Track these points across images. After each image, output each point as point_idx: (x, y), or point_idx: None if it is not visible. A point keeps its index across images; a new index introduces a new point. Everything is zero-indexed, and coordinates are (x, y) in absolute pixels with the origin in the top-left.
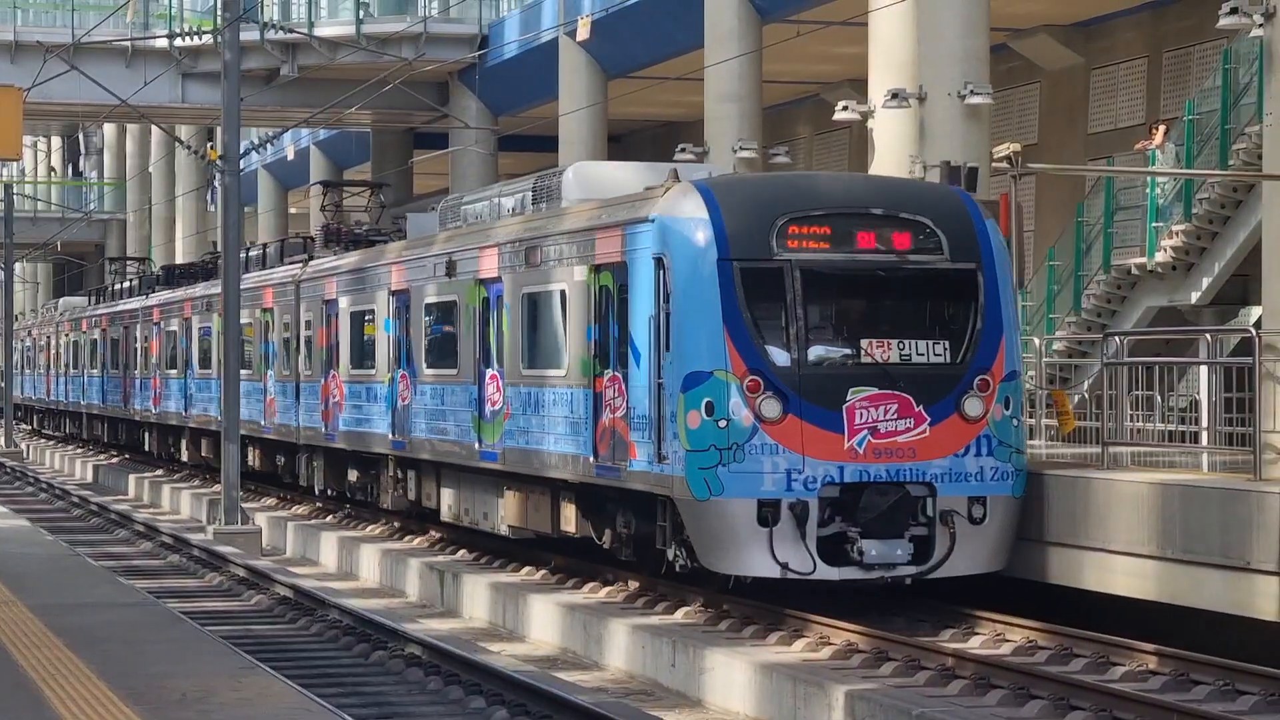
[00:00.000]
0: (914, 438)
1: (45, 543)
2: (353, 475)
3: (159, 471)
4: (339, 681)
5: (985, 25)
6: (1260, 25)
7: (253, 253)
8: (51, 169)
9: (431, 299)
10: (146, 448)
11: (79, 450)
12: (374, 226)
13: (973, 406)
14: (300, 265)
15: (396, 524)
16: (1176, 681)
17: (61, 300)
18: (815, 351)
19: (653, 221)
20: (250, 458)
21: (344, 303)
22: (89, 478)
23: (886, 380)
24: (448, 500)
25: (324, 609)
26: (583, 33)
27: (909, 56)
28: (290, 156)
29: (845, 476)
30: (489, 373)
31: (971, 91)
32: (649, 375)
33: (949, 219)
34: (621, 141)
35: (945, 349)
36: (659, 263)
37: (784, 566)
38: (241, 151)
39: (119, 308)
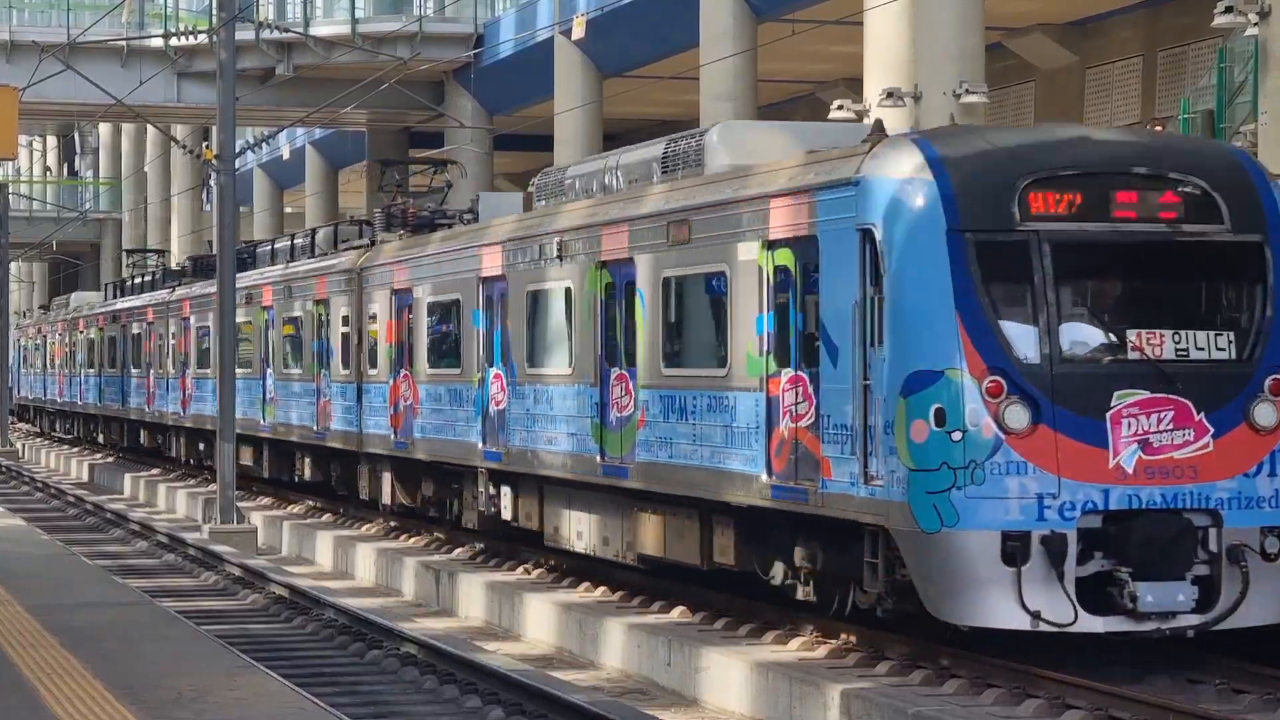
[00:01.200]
0: (1194, 453)
1: (41, 542)
2: (428, 489)
3: (154, 470)
4: (334, 681)
5: (980, 24)
6: (1255, 24)
7: (298, 240)
8: (47, 168)
9: (534, 286)
10: (173, 453)
11: (77, 451)
12: (439, 208)
13: (1264, 414)
14: (360, 251)
15: (392, 523)
16: (1174, 681)
17: (74, 295)
18: (1071, 345)
19: (856, 185)
20: (300, 467)
21: (420, 292)
22: (84, 477)
23: (1161, 381)
24: (555, 522)
25: (320, 608)
26: (578, 32)
27: (904, 55)
28: (286, 156)
29: (1111, 502)
30: (615, 373)
31: (967, 90)
32: (851, 375)
33: (1227, 181)
34: (617, 141)
35: (1229, 342)
36: (866, 235)
37: (1035, 616)
38: (237, 151)
39: (138, 302)
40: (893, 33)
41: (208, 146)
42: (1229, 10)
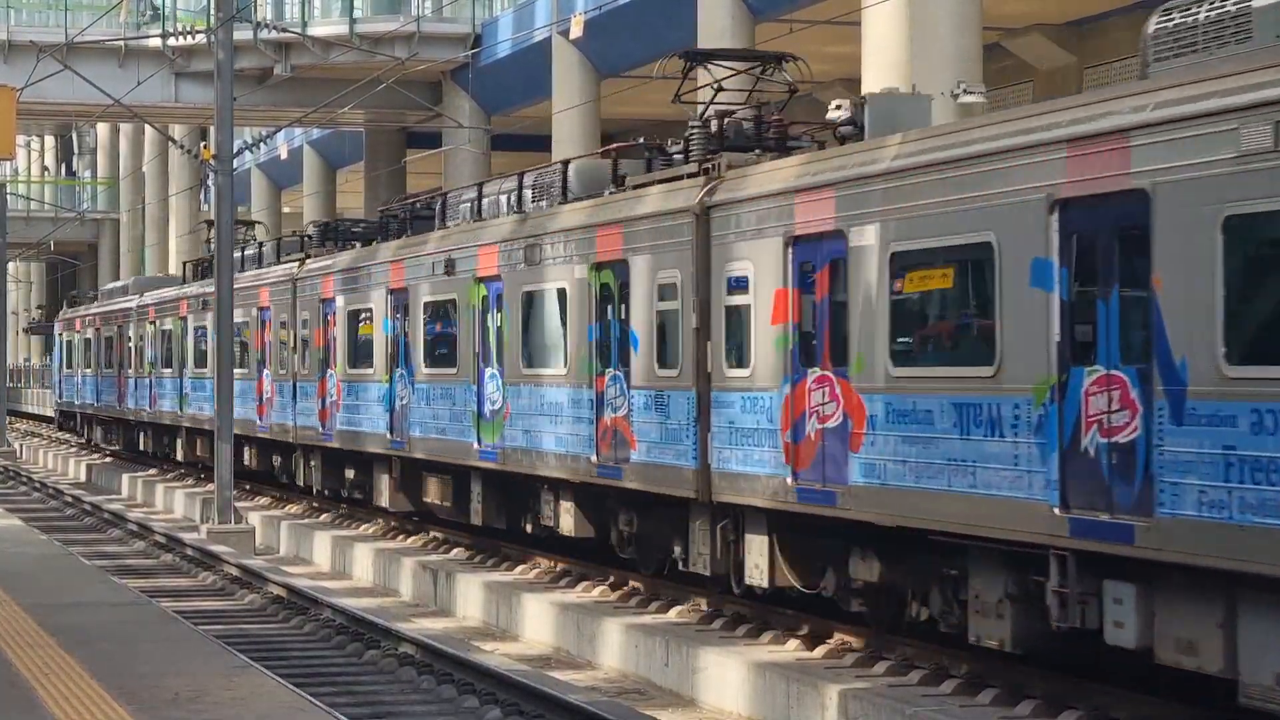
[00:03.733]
0: None
1: (38, 542)
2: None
3: (152, 470)
4: (332, 681)
5: (978, 24)
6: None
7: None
8: (45, 168)
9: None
10: (302, 481)
11: (76, 450)
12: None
13: None
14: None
15: (391, 523)
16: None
17: (132, 280)
18: None
19: None
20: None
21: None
22: (82, 477)
23: None
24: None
25: (317, 608)
26: (576, 31)
27: (901, 55)
28: (283, 156)
29: None
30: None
31: (964, 91)
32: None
33: None
34: (615, 141)
35: None
36: None
37: None
38: (235, 151)
39: (243, 282)
40: (890, 33)
41: (205, 146)
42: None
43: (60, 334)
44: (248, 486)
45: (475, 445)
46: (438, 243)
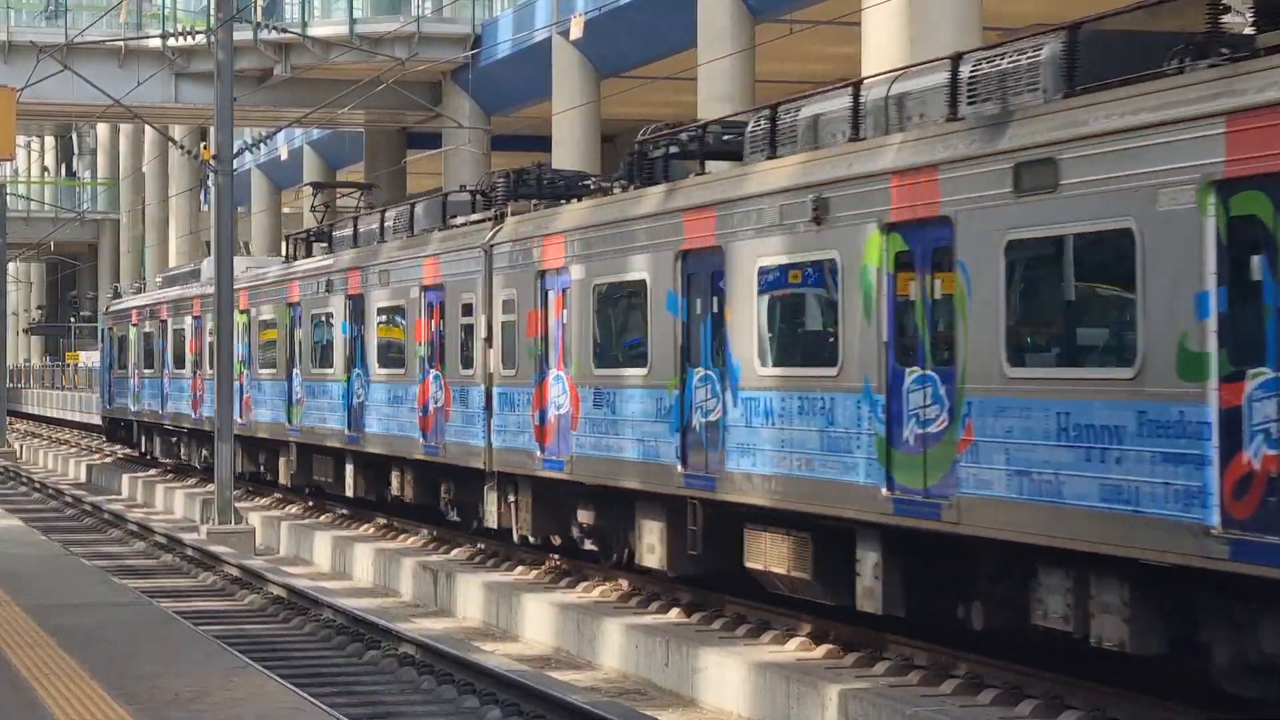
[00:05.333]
0: None
1: (39, 543)
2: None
3: (152, 471)
4: (332, 681)
5: (978, 25)
6: (1253, 24)
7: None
8: (45, 169)
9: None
10: (488, 521)
11: (75, 451)
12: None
13: None
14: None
15: (391, 523)
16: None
17: (206, 262)
18: None
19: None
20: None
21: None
22: (82, 477)
23: None
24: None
25: (317, 608)
26: (575, 32)
27: (901, 56)
28: (283, 156)
29: None
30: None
31: None
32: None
33: None
34: (614, 141)
35: None
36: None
37: None
38: (235, 151)
39: (403, 257)
40: (890, 33)
41: (205, 147)
42: (1226, 10)
43: (110, 328)
44: (248, 487)
45: None
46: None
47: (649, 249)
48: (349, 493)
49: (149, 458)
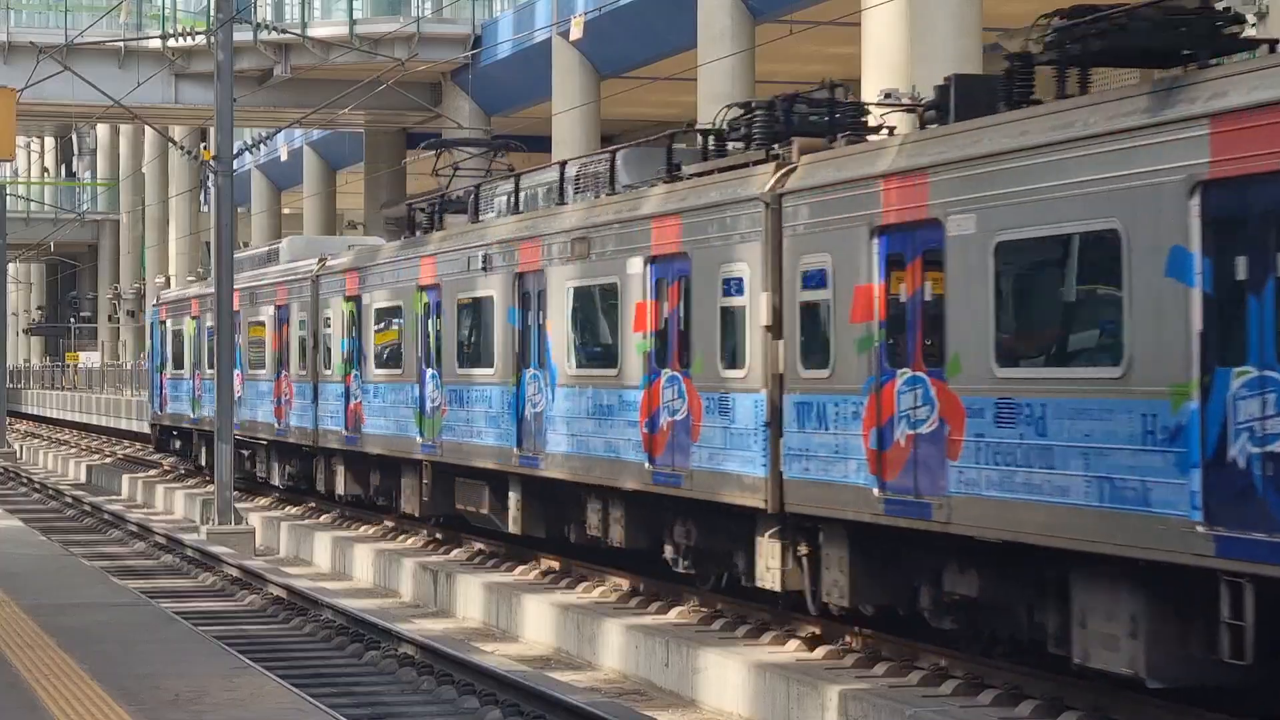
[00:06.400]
0: None
1: (39, 543)
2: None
3: (152, 472)
4: (332, 681)
5: (978, 25)
6: (1253, 25)
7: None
8: (45, 169)
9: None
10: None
11: (75, 451)
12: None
13: None
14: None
15: (390, 524)
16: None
17: (288, 241)
18: None
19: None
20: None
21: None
22: (82, 478)
23: None
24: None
25: (317, 609)
26: (575, 32)
27: (901, 56)
28: (283, 157)
29: None
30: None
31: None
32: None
33: None
34: (614, 142)
35: None
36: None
37: None
38: (235, 152)
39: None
40: (890, 34)
41: (205, 147)
42: (1226, 10)
43: (162, 321)
44: (246, 487)
45: None
46: None
47: None
48: (513, 528)
49: (209, 474)
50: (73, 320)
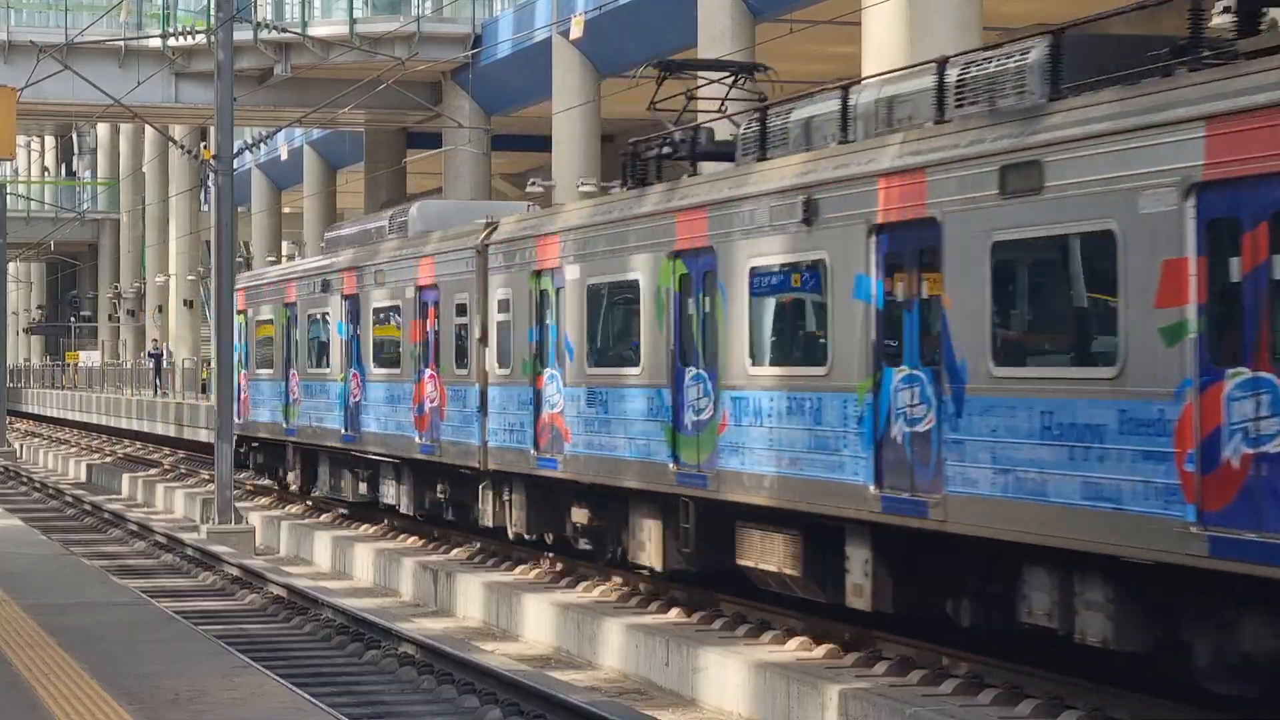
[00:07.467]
0: None
1: (39, 543)
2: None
3: (152, 471)
4: (332, 681)
5: (978, 25)
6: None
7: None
8: (45, 169)
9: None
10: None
11: (75, 451)
12: None
13: None
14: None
15: (391, 524)
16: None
17: (418, 206)
18: None
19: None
20: None
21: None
22: (82, 477)
23: None
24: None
25: (317, 608)
26: (576, 32)
27: (901, 56)
28: (284, 156)
29: None
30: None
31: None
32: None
33: None
34: (615, 141)
35: None
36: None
37: None
38: (235, 151)
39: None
40: (890, 33)
41: (205, 147)
42: (1226, 11)
43: (246, 310)
44: (246, 486)
45: None
46: None
47: None
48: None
49: (307, 494)
50: (73, 319)
